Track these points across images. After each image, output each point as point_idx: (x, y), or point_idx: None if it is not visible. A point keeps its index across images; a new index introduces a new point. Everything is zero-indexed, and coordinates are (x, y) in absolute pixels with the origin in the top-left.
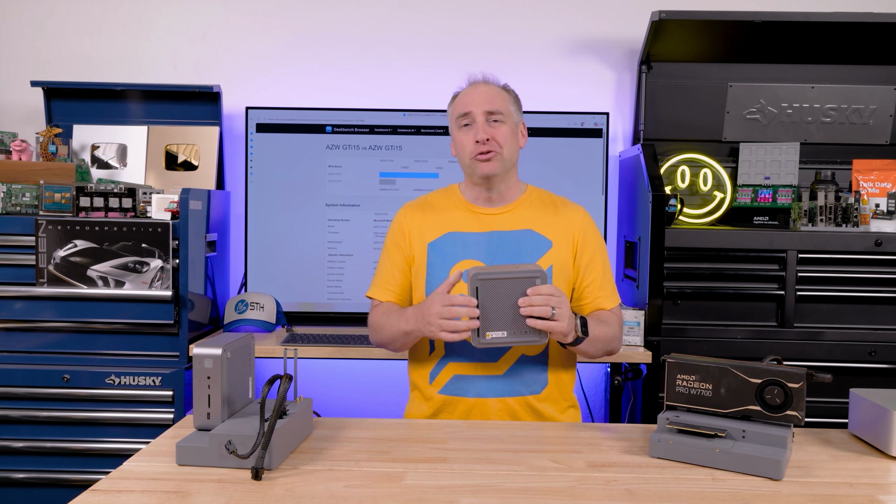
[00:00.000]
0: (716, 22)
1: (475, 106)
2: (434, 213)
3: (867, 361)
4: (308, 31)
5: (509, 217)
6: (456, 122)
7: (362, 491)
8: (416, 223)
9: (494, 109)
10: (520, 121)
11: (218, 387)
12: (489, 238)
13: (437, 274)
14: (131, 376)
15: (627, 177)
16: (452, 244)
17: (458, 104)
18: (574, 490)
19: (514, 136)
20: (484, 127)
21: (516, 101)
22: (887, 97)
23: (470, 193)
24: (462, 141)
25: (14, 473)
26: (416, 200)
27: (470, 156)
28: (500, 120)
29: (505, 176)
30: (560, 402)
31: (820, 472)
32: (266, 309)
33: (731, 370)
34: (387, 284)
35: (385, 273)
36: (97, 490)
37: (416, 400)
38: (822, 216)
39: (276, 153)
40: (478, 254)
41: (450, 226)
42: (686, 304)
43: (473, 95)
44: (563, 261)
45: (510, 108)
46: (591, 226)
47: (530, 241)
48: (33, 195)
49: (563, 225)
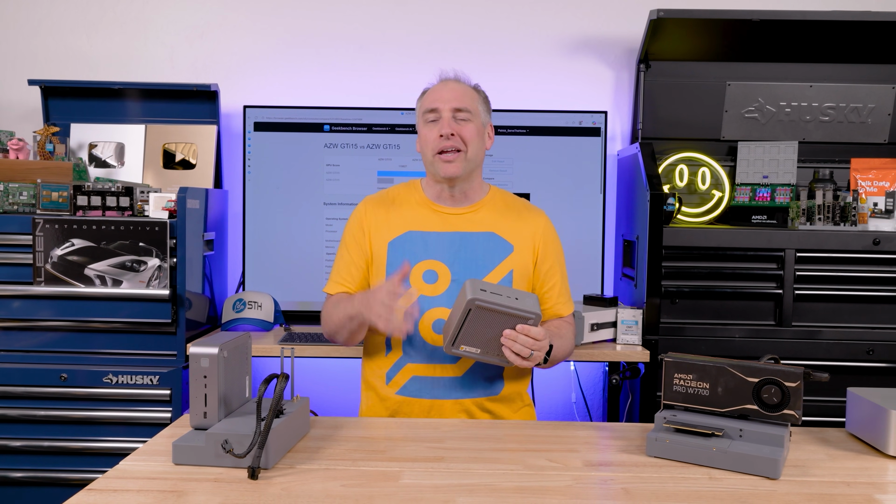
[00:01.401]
0: (714, 21)
1: (443, 102)
2: (395, 209)
3: (865, 360)
4: (306, 30)
5: (472, 218)
6: (423, 117)
7: (359, 490)
8: (376, 219)
9: (462, 107)
10: (487, 122)
11: (214, 386)
12: (451, 238)
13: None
14: (129, 375)
15: (625, 175)
16: (413, 243)
17: (427, 99)
18: (571, 489)
19: (480, 135)
20: (450, 122)
21: (486, 101)
22: (886, 96)
23: (432, 191)
24: (426, 136)
25: (12, 472)
26: (376, 195)
27: (433, 151)
28: (466, 118)
29: (468, 176)
30: (516, 401)
31: (817, 471)
32: (264, 308)
33: (729, 369)
34: (343, 280)
35: (342, 269)
36: (93, 489)
37: (371, 400)
38: (821, 215)
39: (273, 152)
40: (439, 254)
41: (411, 224)
42: (684, 303)
43: (442, 92)
44: (523, 265)
45: (478, 108)
46: (552, 232)
47: (492, 245)
48: (31, 194)
49: (526, 230)
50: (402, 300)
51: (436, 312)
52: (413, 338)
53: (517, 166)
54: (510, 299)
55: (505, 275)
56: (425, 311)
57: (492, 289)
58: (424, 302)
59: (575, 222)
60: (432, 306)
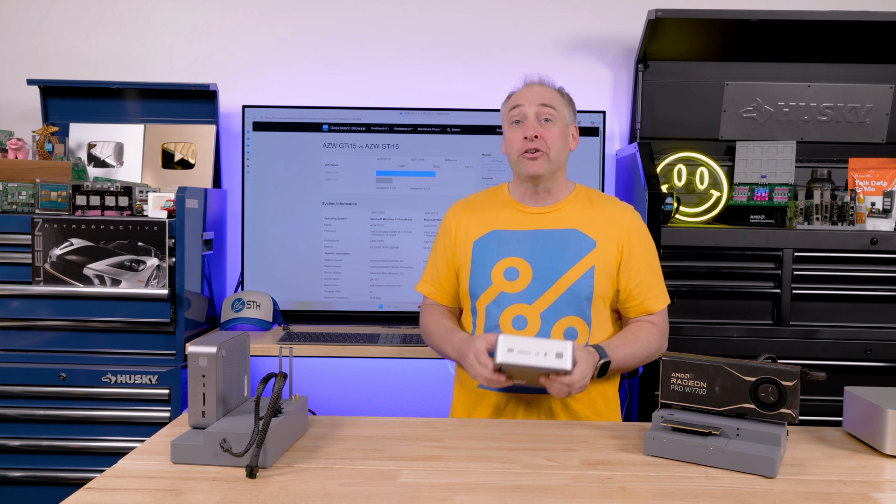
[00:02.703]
0: (712, 20)
1: (527, 103)
2: (481, 210)
3: (862, 360)
4: (305, 30)
5: (555, 216)
6: (507, 119)
7: (357, 489)
8: (462, 221)
9: (547, 104)
10: (572, 123)
11: (213, 385)
12: (533, 236)
13: (479, 271)
14: (128, 374)
15: (624, 175)
16: (496, 241)
17: (512, 101)
18: (568, 488)
19: (564, 137)
20: (534, 125)
21: (570, 103)
22: (883, 96)
23: (517, 192)
24: (511, 138)
25: (11, 472)
26: (464, 199)
27: (518, 153)
28: (550, 119)
29: (552, 176)
30: (598, 402)
31: (814, 469)
32: (263, 307)
33: (726, 368)
34: (431, 279)
35: (430, 269)
36: (91, 488)
37: (463, 397)
38: (818, 215)
39: (272, 152)
40: (521, 251)
41: (495, 223)
42: (682, 302)
43: (527, 94)
44: (606, 261)
45: (563, 110)
46: (639, 227)
47: (574, 241)
48: (29, 193)
49: (610, 225)
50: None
51: (516, 309)
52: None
53: None
54: (539, 356)
55: (587, 270)
56: (506, 307)
57: (521, 346)
58: (505, 298)
59: None
60: (513, 302)
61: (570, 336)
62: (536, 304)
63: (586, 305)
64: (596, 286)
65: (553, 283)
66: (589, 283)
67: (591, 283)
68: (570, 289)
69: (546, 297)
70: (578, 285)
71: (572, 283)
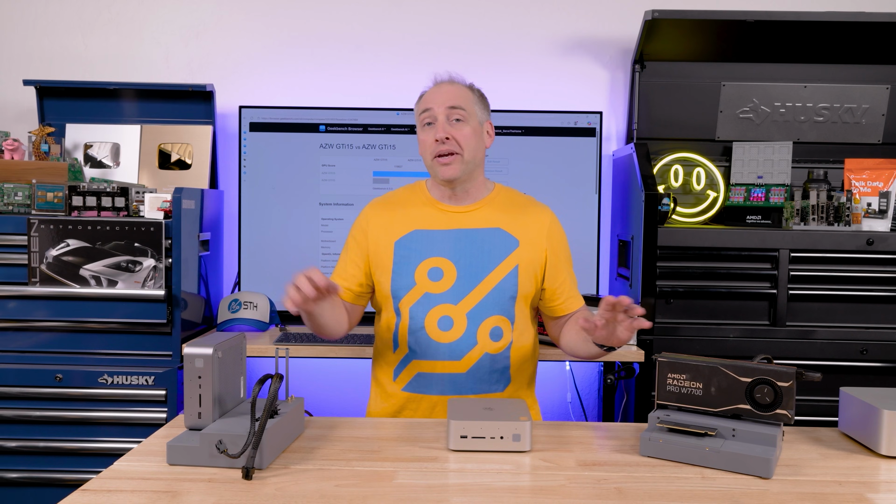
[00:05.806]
0: (709, 21)
1: (436, 104)
2: (401, 209)
3: (858, 360)
4: (301, 30)
5: (477, 215)
6: (419, 121)
7: (353, 490)
8: (381, 221)
9: (456, 104)
10: (485, 120)
11: (209, 386)
12: (457, 235)
13: (402, 271)
14: (124, 375)
15: (621, 176)
16: (419, 241)
17: (422, 103)
18: (564, 489)
19: (478, 135)
20: (444, 126)
21: (482, 100)
22: (879, 96)
23: (436, 191)
24: (423, 140)
25: (7, 473)
26: (382, 197)
27: (431, 155)
28: (461, 119)
29: (469, 176)
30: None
31: (809, 470)
32: (259, 308)
33: (722, 369)
34: (338, 277)
35: (340, 267)
36: (87, 490)
37: (378, 397)
38: (815, 215)
39: (269, 152)
40: (445, 251)
41: (416, 223)
42: (679, 302)
43: (436, 94)
44: (529, 260)
45: (474, 108)
46: (559, 227)
47: (498, 240)
48: (25, 194)
49: (532, 225)
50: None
51: (441, 309)
52: (419, 335)
53: (513, 167)
54: (494, 440)
55: (511, 269)
56: (431, 308)
57: (475, 417)
58: (430, 299)
59: (570, 222)
60: (438, 303)
61: (495, 336)
62: (462, 304)
63: (510, 304)
64: (520, 285)
65: (478, 283)
66: (513, 281)
67: (515, 282)
68: (494, 288)
69: (471, 297)
70: (503, 284)
71: (497, 283)
